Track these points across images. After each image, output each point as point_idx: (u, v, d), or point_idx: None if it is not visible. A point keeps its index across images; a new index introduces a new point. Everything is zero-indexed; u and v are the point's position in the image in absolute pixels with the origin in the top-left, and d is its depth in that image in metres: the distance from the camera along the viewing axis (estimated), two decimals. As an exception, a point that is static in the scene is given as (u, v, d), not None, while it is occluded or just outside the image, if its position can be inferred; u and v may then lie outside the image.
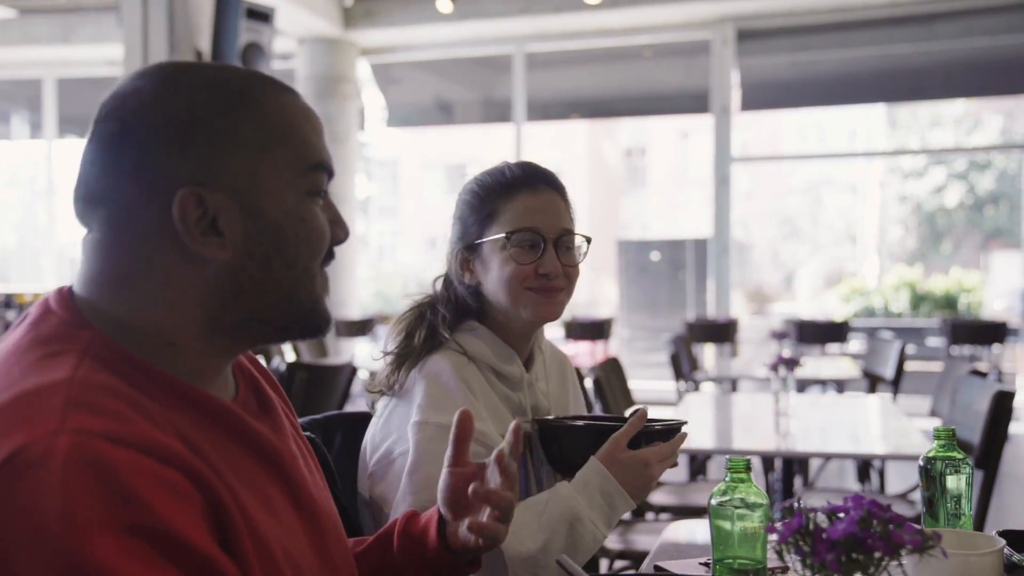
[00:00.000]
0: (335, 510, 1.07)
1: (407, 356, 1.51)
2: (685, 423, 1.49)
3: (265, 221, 0.91)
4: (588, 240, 1.57)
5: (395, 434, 1.46)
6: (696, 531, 1.80)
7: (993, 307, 13.35)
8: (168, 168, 0.88)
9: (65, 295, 0.92)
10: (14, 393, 0.80)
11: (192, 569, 0.77)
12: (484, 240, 1.53)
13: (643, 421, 1.43)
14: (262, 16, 5.96)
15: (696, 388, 5.42)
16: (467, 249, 1.55)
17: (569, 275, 1.54)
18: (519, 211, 1.51)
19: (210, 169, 0.89)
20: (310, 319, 0.95)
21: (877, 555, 0.85)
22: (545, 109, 9.06)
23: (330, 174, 0.97)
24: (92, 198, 0.90)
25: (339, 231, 0.97)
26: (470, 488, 1.03)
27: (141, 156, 0.88)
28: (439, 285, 1.60)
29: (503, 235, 1.50)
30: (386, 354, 1.54)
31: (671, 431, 1.46)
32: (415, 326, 1.54)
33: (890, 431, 3.29)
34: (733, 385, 5.78)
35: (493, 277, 1.52)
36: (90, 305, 0.90)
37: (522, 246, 1.50)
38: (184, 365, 0.90)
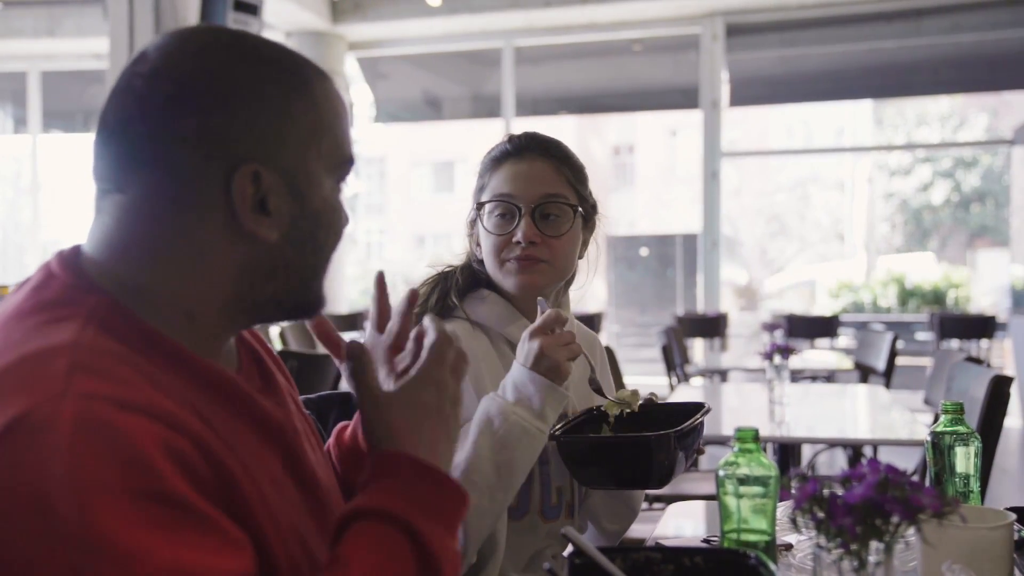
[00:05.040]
0: (338, 487, 1.05)
1: (417, 318, 1.49)
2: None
3: (308, 207, 0.89)
4: (575, 208, 1.48)
5: None
6: (694, 514, 1.79)
7: (980, 303, 13.40)
8: (231, 140, 0.85)
9: (68, 258, 0.88)
10: (15, 356, 0.77)
11: (205, 533, 0.75)
12: (474, 212, 1.53)
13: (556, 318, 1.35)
14: (250, 8, 5.91)
15: (686, 381, 5.40)
16: (471, 221, 1.56)
17: (551, 245, 1.46)
18: (500, 180, 1.49)
19: (269, 147, 0.86)
20: (314, 302, 0.96)
21: (895, 520, 0.83)
22: (534, 105, 9.04)
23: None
24: (134, 158, 0.85)
25: (347, 220, 0.98)
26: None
27: (204, 123, 0.84)
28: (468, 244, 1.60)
29: (477, 205, 1.50)
30: None
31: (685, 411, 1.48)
32: (429, 291, 1.54)
33: (884, 419, 3.28)
34: (723, 377, 5.77)
35: (483, 248, 1.52)
36: (100, 266, 0.86)
37: (497, 215, 1.47)
38: (196, 337, 0.87)
